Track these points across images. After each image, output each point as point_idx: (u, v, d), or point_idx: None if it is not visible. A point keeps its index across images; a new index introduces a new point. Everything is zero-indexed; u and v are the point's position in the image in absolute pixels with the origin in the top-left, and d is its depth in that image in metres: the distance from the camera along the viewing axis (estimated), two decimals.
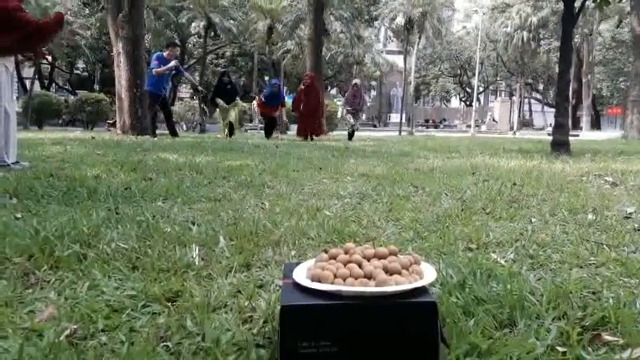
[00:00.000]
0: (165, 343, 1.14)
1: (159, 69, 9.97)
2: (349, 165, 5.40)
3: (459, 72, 48.92)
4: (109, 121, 18.62)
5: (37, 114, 20.35)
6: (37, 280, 1.57)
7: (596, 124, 33.77)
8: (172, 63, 10.07)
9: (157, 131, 10.77)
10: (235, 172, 4.44)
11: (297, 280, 1.06)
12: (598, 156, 7.20)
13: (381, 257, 1.14)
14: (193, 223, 2.40)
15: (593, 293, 1.48)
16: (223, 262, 1.76)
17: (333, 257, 1.16)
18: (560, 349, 1.13)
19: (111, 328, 1.22)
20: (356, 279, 1.05)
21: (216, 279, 1.59)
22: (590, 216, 2.68)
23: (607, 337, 1.19)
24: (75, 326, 1.21)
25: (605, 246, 2.07)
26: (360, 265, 1.10)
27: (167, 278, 1.58)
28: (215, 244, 1.98)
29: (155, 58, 10.31)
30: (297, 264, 1.19)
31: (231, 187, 3.64)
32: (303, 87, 12.09)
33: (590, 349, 1.13)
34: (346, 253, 1.18)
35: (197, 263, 1.74)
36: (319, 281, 1.05)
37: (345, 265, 1.10)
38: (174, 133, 10.65)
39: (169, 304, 1.38)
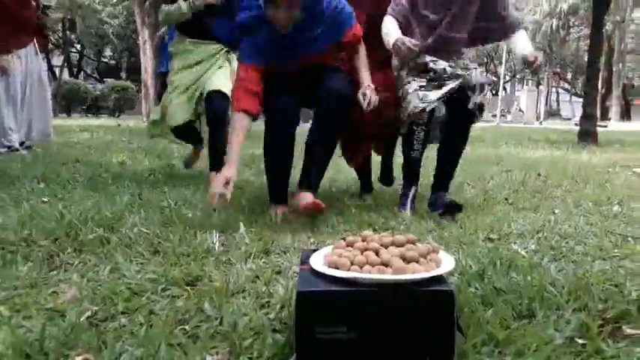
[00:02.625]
0: (183, 326, 1.16)
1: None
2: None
3: (485, 60, 48.10)
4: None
5: (67, 101, 20.69)
6: (62, 263, 1.61)
7: (626, 115, 32.94)
8: None
9: None
10: (257, 159, 4.46)
11: (315, 267, 1.07)
12: (626, 147, 7.03)
13: (398, 245, 1.14)
14: (214, 210, 2.42)
15: (616, 286, 1.45)
16: (242, 248, 1.77)
17: (351, 245, 1.17)
18: (579, 341, 1.11)
19: (131, 311, 1.24)
20: (373, 266, 1.05)
21: (235, 264, 1.61)
22: (615, 208, 2.63)
23: (628, 331, 1.17)
24: (96, 308, 1.24)
25: (630, 238, 2.03)
26: (377, 253, 1.10)
27: (187, 263, 1.60)
28: (235, 230, 2.00)
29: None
30: (315, 251, 1.20)
31: (253, 174, 3.66)
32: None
33: (610, 341, 1.11)
34: (364, 240, 1.18)
35: (217, 249, 1.76)
36: (336, 268, 1.05)
37: (362, 253, 1.10)
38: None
39: (189, 288, 1.40)
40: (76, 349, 1.04)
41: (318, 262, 1.10)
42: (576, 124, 10.91)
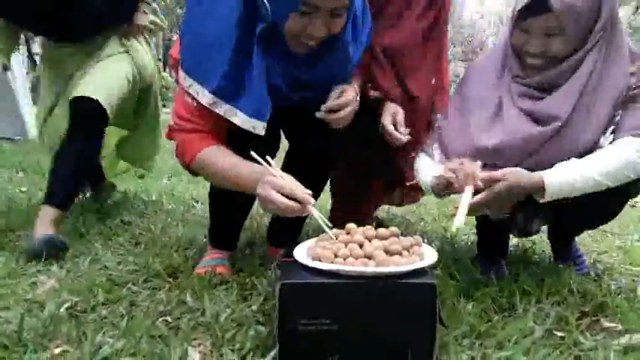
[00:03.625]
0: (164, 318, 1.15)
1: None
2: None
3: (470, 56, 48.33)
4: None
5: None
6: None
7: None
8: None
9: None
10: None
11: (298, 259, 1.06)
12: None
13: (382, 238, 1.14)
14: (197, 201, 2.40)
15: (594, 280, 1.48)
16: None
17: (335, 237, 1.16)
18: (558, 333, 1.13)
19: (111, 302, 1.23)
20: (356, 259, 1.05)
21: None
22: None
23: (606, 324, 1.19)
24: (76, 299, 1.22)
25: (608, 234, 2.06)
26: (360, 246, 1.10)
27: (169, 254, 1.58)
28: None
29: None
30: (299, 243, 1.19)
31: None
32: None
33: (588, 334, 1.13)
34: (348, 233, 1.17)
35: (200, 240, 1.75)
36: (319, 260, 1.05)
37: (346, 246, 1.10)
38: None
39: (170, 279, 1.39)
40: (55, 340, 1.02)
41: (301, 254, 1.10)
42: None
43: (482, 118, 1.38)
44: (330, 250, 1.07)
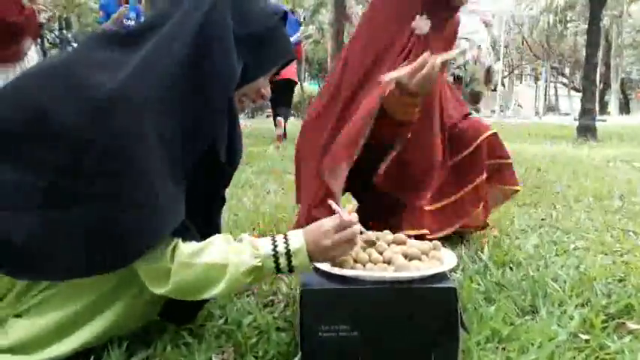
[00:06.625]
0: (188, 326, 1.16)
1: None
2: None
3: None
4: None
5: None
6: None
7: (625, 109, 32.96)
8: None
9: None
10: (256, 156, 4.48)
11: (318, 265, 1.07)
12: (625, 141, 7.04)
13: (400, 243, 1.14)
14: None
15: (619, 281, 1.46)
16: None
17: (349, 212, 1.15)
18: (583, 336, 1.12)
19: None
20: (375, 264, 1.05)
21: None
22: (616, 202, 2.63)
23: (632, 326, 1.17)
24: None
25: (631, 233, 2.03)
26: (379, 251, 1.10)
27: None
28: (237, 228, 2.00)
29: None
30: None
31: (253, 173, 3.65)
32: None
33: (614, 337, 1.11)
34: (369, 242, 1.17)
35: None
36: (339, 266, 1.05)
37: (364, 251, 1.10)
38: None
39: None
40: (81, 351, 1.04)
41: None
42: (575, 119, 10.90)
43: None
44: (350, 256, 1.07)
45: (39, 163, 0.88)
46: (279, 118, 6.31)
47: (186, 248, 0.93)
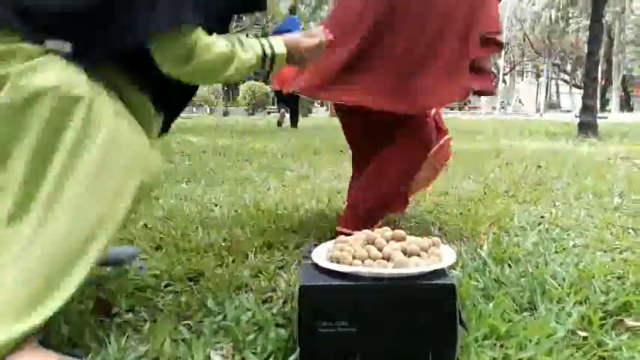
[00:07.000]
0: (186, 322, 1.16)
1: None
2: None
3: None
4: None
5: None
6: None
7: (626, 105, 32.92)
8: None
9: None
10: (257, 154, 4.48)
11: (317, 261, 1.07)
12: (626, 138, 7.03)
13: (399, 239, 1.14)
14: (216, 205, 2.43)
15: (618, 278, 1.46)
16: (245, 243, 1.78)
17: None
18: (581, 333, 1.12)
19: (134, 306, 1.25)
20: (374, 260, 1.06)
21: (237, 260, 1.61)
22: (616, 200, 2.63)
23: (630, 323, 1.17)
24: (100, 304, 1.24)
25: (631, 230, 2.03)
26: (378, 247, 1.10)
27: (190, 258, 1.60)
28: (237, 225, 2.00)
29: None
30: (317, 245, 1.20)
31: (254, 170, 3.66)
32: None
33: (612, 334, 1.11)
34: (365, 235, 1.18)
35: (220, 244, 1.76)
36: (338, 262, 1.05)
37: (363, 247, 1.11)
38: None
39: (191, 283, 1.41)
40: (80, 345, 1.04)
41: (320, 256, 1.11)
42: (576, 116, 10.88)
43: None
44: (348, 252, 1.07)
45: None
46: (282, 110, 7.20)
47: (205, 37, 1.09)
